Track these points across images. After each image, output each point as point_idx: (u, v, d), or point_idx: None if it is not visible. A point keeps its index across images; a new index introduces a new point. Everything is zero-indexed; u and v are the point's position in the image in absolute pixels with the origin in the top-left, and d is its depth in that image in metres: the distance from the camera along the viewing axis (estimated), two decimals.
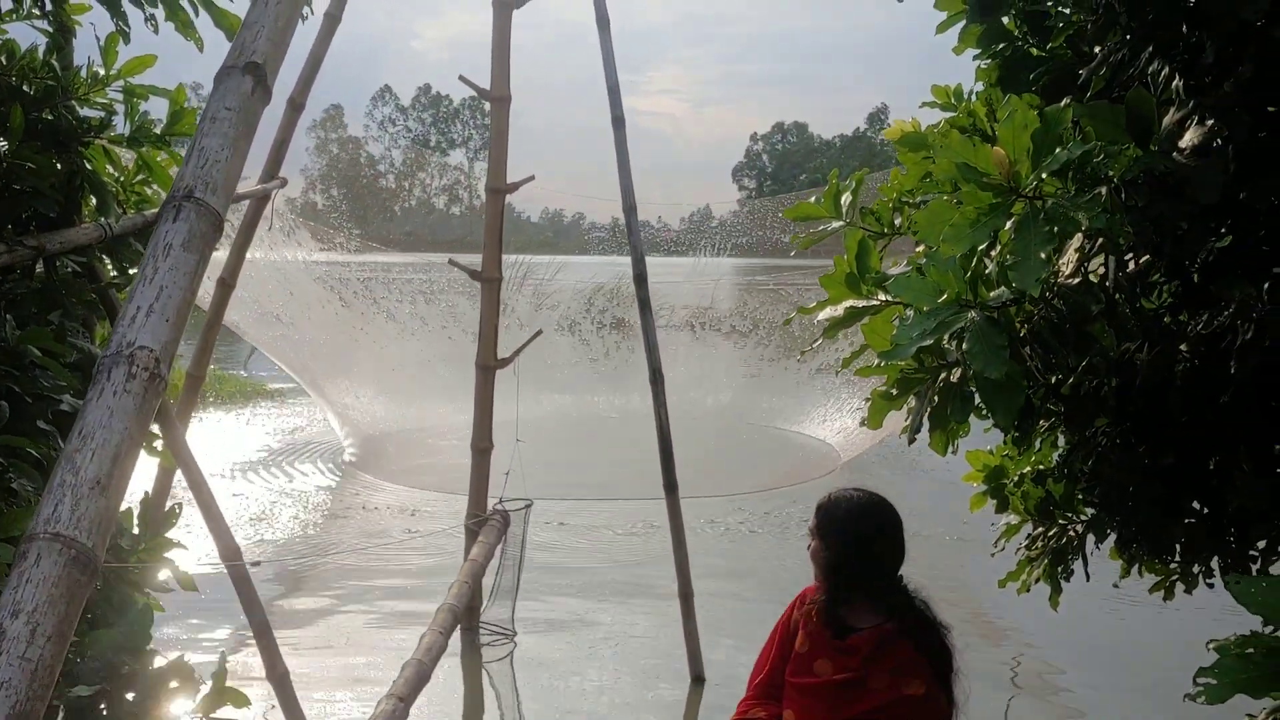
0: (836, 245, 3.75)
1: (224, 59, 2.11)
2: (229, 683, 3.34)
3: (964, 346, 2.13)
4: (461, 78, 6.52)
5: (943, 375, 2.40)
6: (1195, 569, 3.44)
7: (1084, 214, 1.99)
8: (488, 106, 6.61)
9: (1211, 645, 1.78)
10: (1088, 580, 3.52)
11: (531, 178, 6.83)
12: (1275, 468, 2.93)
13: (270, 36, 2.15)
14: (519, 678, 6.55)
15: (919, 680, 3.37)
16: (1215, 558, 3.35)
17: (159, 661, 3.30)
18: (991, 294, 2.20)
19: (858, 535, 3.49)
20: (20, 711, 1.39)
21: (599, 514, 10.65)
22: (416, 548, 9.32)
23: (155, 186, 4.01)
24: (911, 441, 2.52)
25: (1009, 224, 2.13)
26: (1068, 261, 2.24)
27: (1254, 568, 3.22)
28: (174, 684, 3.30)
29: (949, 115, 3.63)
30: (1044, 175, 2.05)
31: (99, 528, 1.58)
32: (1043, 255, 1.99)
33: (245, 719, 3.34)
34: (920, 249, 3.64)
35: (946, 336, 2.20)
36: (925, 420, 2.62)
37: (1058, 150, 2.02)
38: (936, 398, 2.41)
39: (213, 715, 3.34)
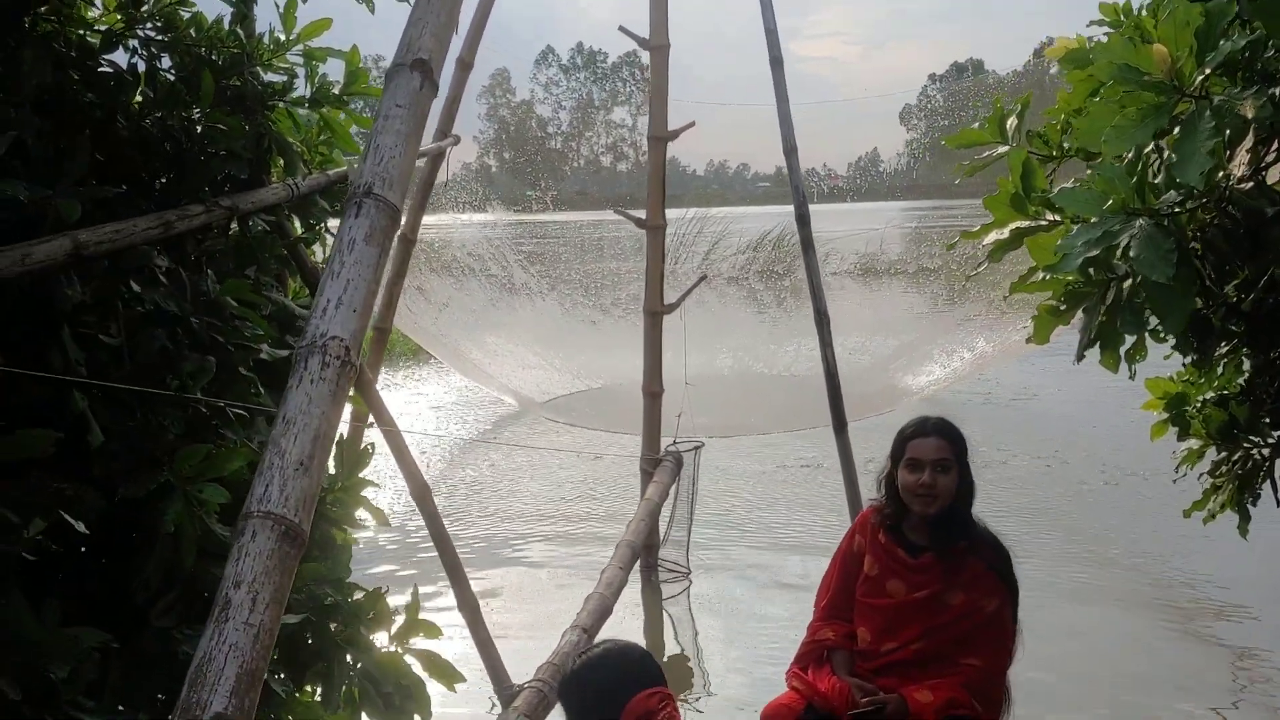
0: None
1: (393, 55, 2.25)
2: (421, 615, 3.55)
3: (1131, 253, 2.09)
4: (622, 28, 6.59)
5: (1111, 288, 2.36)
6: None
7: (1252, 106, 1.93)
8: (645, 59, 6.68)
9: None
10: (1278, 505, 3.40)
11: (692, 124, 6.84)
12: None
13: (434, 32, 2.28)
14: (695, 614, 6.71)
15: (994, 597, 3.59)
16: None
17: (358, 594, 3.52)
18: (1161, 198, 2.15)
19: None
20: (247, 670, 1.56)
21: (765, 459, 10.70)
22: (593, 490, 9.62)
23: (337, 147, 4.21)
24: (1080, 359, 2.49)
25: (1175, 127, 2.08)
26: (1240, 164, 2.17)
27: None
28: (371, 615, 3.52)
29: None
30: (1208, 71, 1.99)
31: (305, 504, 1.74)
32: (1207, 151, 1.94)
33: (437, 648, 3.52)
34: (1089, 172, 3.55)
35: (1120, 247, 2.15)
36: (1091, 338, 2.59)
37: (1222, 43, 1.96)
38: (1105, 313, 2.37)
39: (408, 644, 3.56)
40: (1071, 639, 5.93)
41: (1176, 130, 2.09)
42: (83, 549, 2.71)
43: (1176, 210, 2.17)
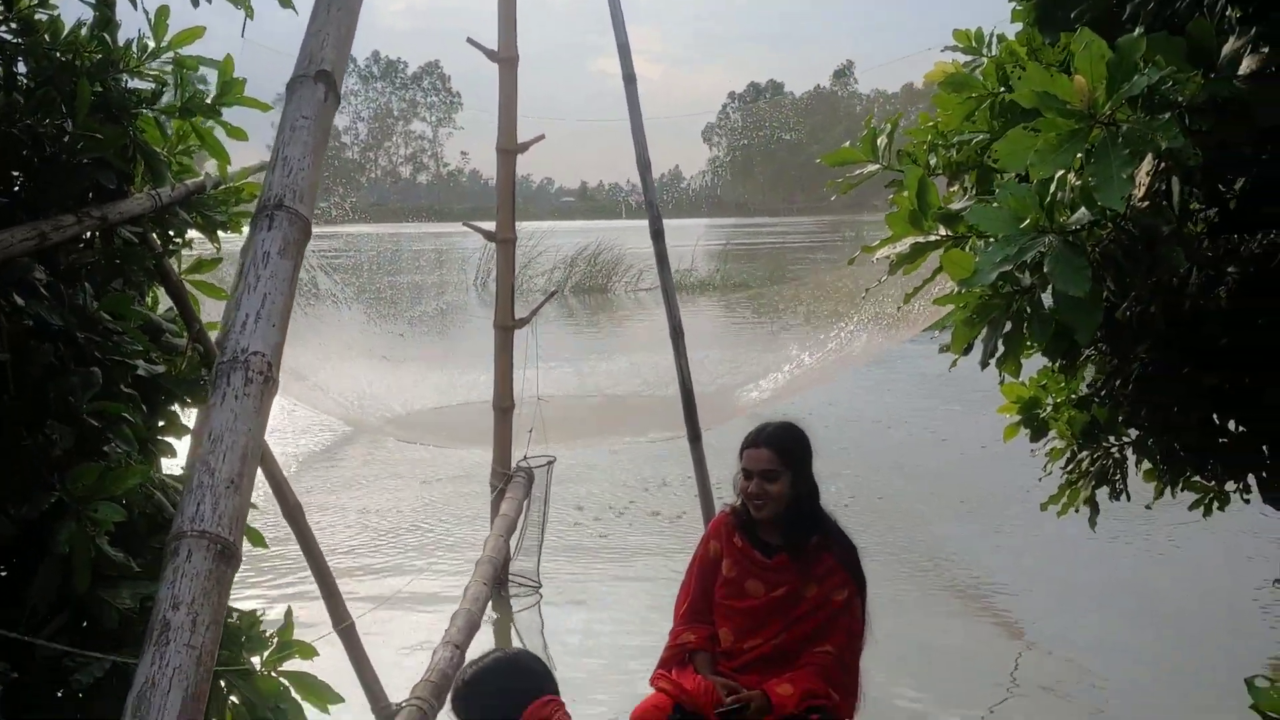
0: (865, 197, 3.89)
1: (293, 68, 2.19)
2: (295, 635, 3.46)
3: (1045, 268, 2.25)
4: (470, 40, 6.57)
5: (1016, 300, 2.52)
6: (1233, 487, 3.60)
7: (1161, 135, 2.11)
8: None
9: None
10: (1129, 500, 3.69)
11: (542, 136, 6.87)
12: None
13: (335, 43, 2.23)
14: (545, 625, 6.74)
15: (845, 589, 3.79)
16: (1250, 475, 3.51)
17: (233, 616, 3.41)
18: (1071, 218, 2.32)
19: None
20: (193, 694, 1.52)
21: (615, 473, 10.79)
22: (441, 507, 9.50)
23: (198, 155, 4.06)
24: (985, 366, 2.65)
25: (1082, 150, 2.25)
26: (1139, 186, 2.36)
27: None
28: (245, 638, 3.42)
29: (970, 59, 3.73)
30: (1122, 102, 2.17)
31: (237, 522, 1.70)
32: (1124, 175, 2.11)
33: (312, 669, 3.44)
34: (954, 189, 3.77)
35: (1028, 262, 2.31)
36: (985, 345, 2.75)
37: (1136, 77, 2.13)
38: (1010, 323, 2.54)
39: (281, 668, 3.46)
40: None
41: (1083, 152, 2.27)
42: None
43: (1080, 229, 2.35)
